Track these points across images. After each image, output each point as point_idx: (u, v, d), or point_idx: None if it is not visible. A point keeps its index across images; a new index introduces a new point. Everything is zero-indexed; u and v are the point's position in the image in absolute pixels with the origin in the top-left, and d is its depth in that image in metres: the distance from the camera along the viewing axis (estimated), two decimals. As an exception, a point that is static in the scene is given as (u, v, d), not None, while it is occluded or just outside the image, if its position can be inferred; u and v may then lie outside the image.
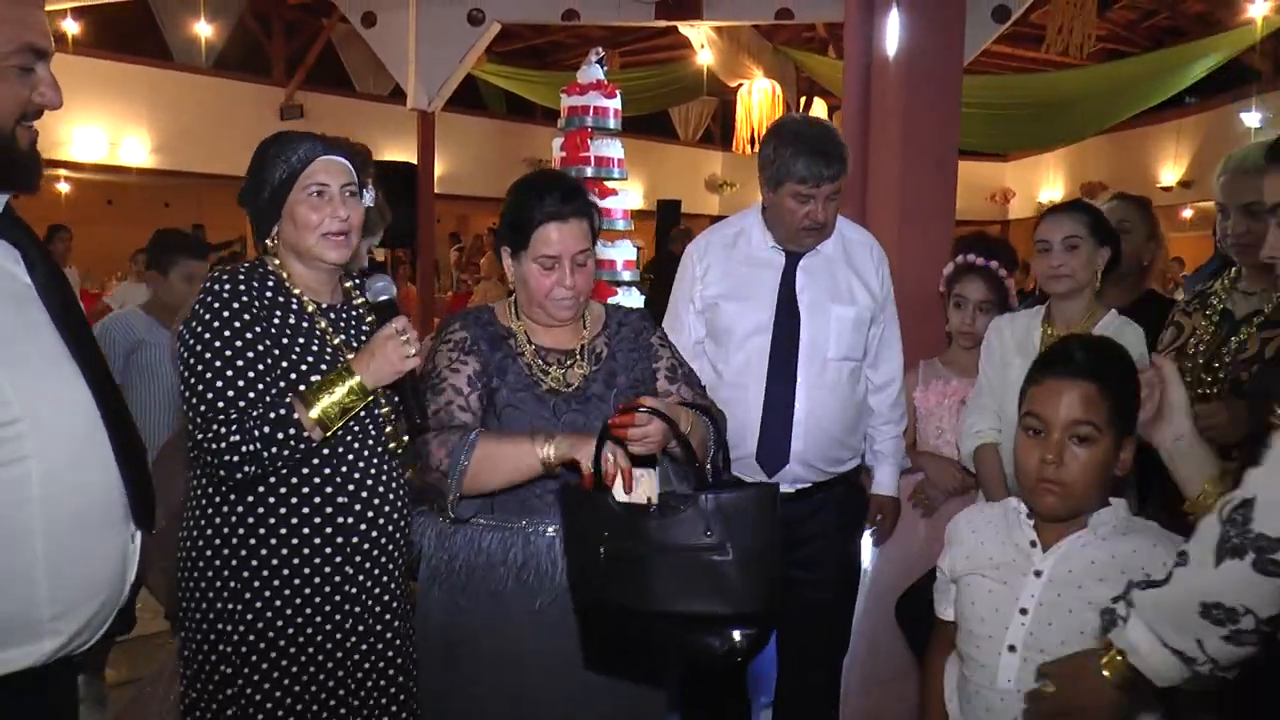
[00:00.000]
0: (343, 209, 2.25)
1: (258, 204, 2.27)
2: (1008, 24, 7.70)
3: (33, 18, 1.75)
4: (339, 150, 2.30)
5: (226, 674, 2.18)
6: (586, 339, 2.52)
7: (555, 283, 2.40)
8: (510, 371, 2.42)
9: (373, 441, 2.29)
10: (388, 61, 9.89)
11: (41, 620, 1.70)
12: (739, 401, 3.00)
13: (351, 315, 2.37)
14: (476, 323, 2.49)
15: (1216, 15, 12.32)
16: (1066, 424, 1.93)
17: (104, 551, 1.79)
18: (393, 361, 2.17)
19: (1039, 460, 1.95)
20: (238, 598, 2.17)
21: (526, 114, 17.06)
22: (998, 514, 2.13)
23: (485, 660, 2.38)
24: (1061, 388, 1.94)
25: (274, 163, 2.23)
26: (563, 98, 4.60)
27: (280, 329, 2.21)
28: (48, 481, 1.68)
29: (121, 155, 13.46)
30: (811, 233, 3.05)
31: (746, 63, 11.49)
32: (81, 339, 1.79)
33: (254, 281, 2.23)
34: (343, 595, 2.23)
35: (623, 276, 4.46)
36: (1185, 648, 1.50)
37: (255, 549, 2.17)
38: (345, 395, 2.15)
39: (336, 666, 2.24)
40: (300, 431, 2.11)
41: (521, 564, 2.35)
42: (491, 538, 2.38)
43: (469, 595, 2.38)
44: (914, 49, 4.13)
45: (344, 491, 2.22)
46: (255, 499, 2.18)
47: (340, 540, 2.21)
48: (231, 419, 2.08)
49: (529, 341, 2.47)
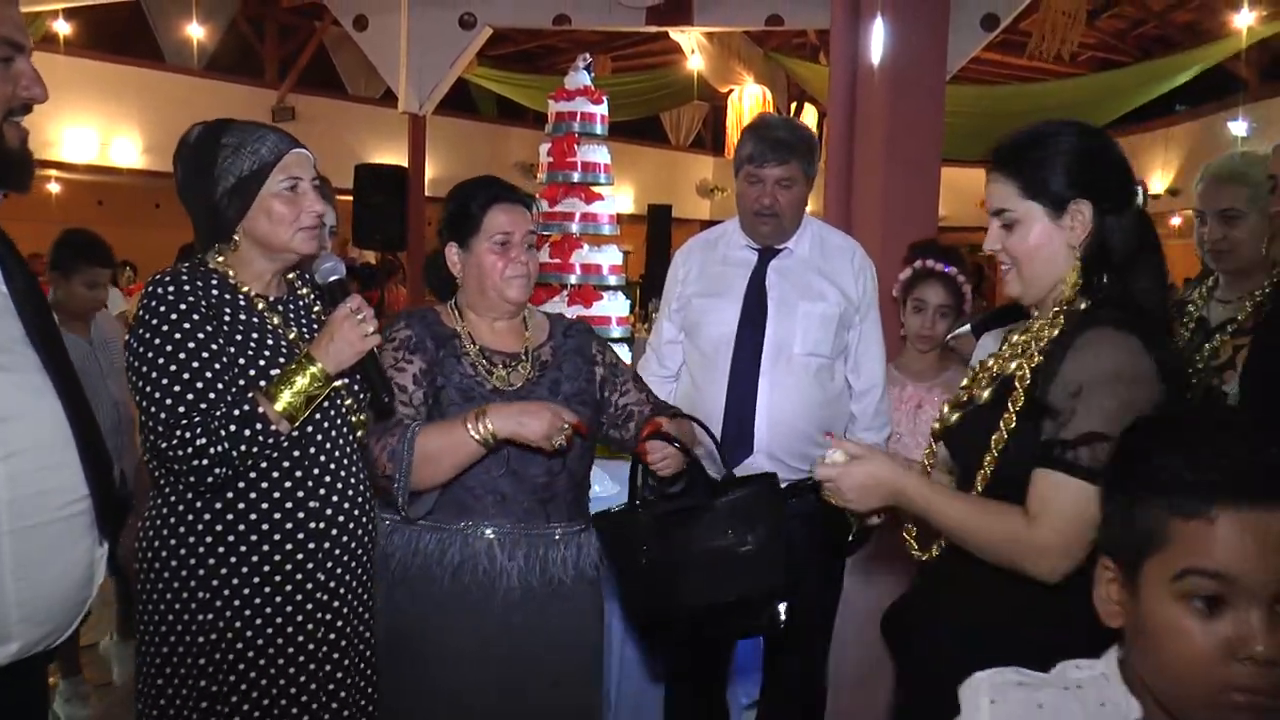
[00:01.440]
0: (317, 203, 2.22)
1: (212, 198, 2.17)
2: (996, 32, 7.73)
3: (5, 12, 1.75)
4: (300, 144, 2.26)
5: (200, 686, 2.11)
6: (531, 344, 2.57)
7: (510, 260, 2.49)
8: (455, 371, 2.45)
9: (340, 439, 2.25)
10: (379, 65, 9.89)
11: (9, 621, 1.71)
12: (705, 391, 3.10)
13: (300, 306, 2.34)
14: (421, 321, 2.53)
15: (1204, 25, 12.38)
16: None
17: (71, 556, 1.80)
18: (352, 342, 2.12)
19: (1225, 652, 1.14)
20: (207, 607, 2.10)
21: (518, 118, 17.07)
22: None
23: (428, 658, 2.39)
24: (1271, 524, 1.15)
25: (236, 154, 2.15)
26: (550, 103, 4.62)
27: (232, 326, 2.14)
28: (15, 485, 1.69)
29: (113, 156, 13.44)
30: (764, 219, 3.10)
31: (737, 68, 11.54)
32: (53, 350, 1.80)
33: (197, 280, 2.15)
34: (315, 602, 2.18)
35: (609, 281, 4.48)
36: None
37: (224, 556, 2.10)
38: (308, 384, 2.08)
39: (314, 671, 2.19)
40: (267, 425, 2.05)
41: (459, 564, 2.38)
42: (429, 538, 2.40)
43: (405, 592, 2.40)
44: (898, 56, 4.17)
45: (315, 495, 2.16)
46: (222, 505, 2.11)
47: (313, 545, 2.16)
48: (195, 422, 2.00)
49: (473, 342, 2.52)
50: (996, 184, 1.91)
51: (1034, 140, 1.89)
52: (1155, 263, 1.87)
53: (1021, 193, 1.88)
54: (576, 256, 4.43)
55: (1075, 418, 1.72)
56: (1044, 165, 1.86)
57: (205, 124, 2.22)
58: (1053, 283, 1.89)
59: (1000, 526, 1.76)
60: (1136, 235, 1.86)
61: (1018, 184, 1.88)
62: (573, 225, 4.45)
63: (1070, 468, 1.71)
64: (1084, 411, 1.71)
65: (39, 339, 1.77)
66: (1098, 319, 1.78)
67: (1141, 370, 1.72)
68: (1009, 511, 1.76)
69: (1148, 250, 1.87)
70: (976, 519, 1.80)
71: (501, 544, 2.39)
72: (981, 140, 10.97)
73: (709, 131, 19.08)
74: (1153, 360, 1.74)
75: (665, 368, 3.34)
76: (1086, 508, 1.63)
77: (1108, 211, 1.85)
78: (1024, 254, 1.90)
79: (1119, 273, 1.85)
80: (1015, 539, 1.74)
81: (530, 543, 2.41)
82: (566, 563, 2.44)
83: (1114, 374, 1.71)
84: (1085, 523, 1.65)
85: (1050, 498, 1.72)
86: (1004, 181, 1.90)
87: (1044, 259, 1.88)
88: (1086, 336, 1.76)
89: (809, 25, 9.87)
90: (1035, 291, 1.92)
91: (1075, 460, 1.70)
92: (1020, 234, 1.89)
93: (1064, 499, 1.71)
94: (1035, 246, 1.88)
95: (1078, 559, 1.70)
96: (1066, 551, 1.71)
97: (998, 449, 1.83)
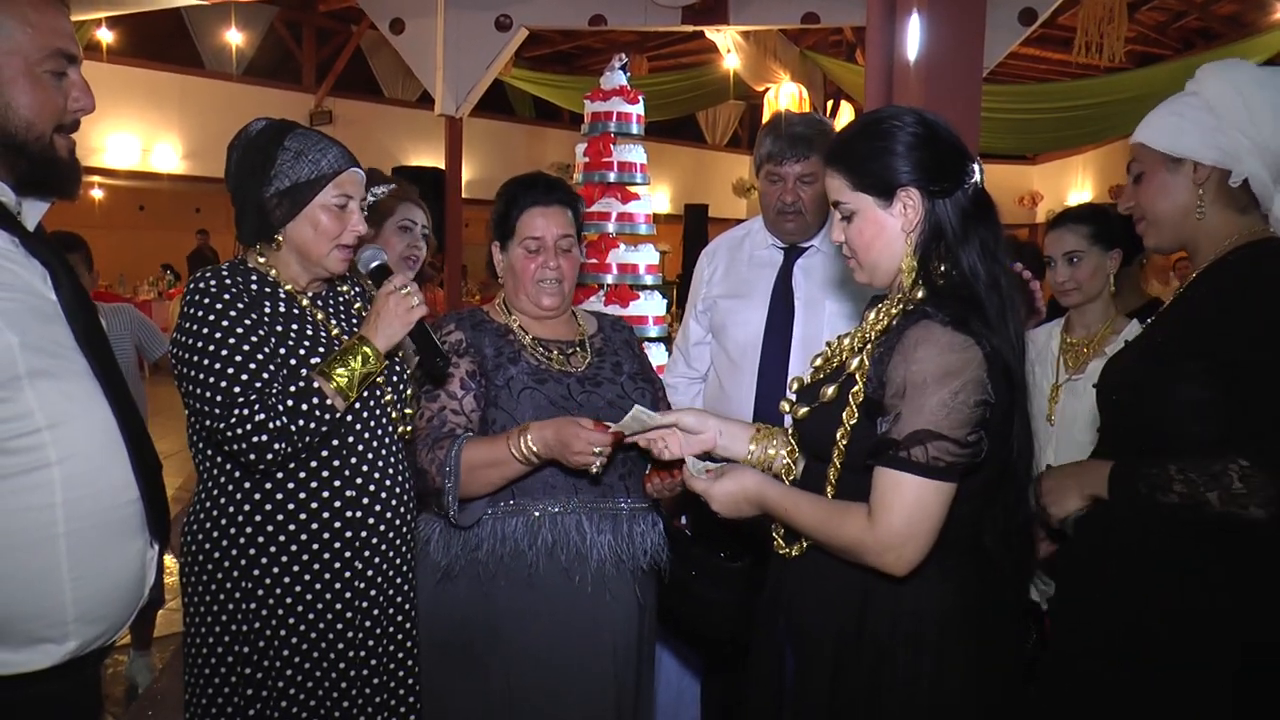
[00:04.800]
0: (361, 225, 2.25)
1: (262, 195, 2.20)
2: (1034, 26, 7.66)
3: (60, 24, 1.80)
4: (359, 164, 2.29)
5: (245, 674, 2.18)
6: (584, 334, 2.61)
7: (540, 265, 2.50)
8: (520, 359, 2.47)
9: (380, 431, 2.28)
10: (416, 68, 9.93)
11: (66, 621, 1.75)
12: (732, 394, 3.08)
13: (340, 302, 2.37)
14: (471, 322, 2.54)
15: (1247, 17, 12.22)
16: None
17: (124, 556, 1.83)
18: (400, 315, 2.18)
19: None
20: (250, 596, 2.17)
21: (554, 119, 17.13)
22: None
23: (515, 653, 2.39)
24: None
25: (297, 159, 2.19)
26: (586, 104, 4.61)
27: (273, 318, 2.19)
28: (69, 487, 1.72)
29: (153, 162, 13.63)
30: (788, 217, 3.08)
31: (773, 66, 11.49)
32: (102, 356, 1.83)
33: (238, 276, 2.20)
34: (354, 591, 2.22)
35: (645, 281, 4.48)
36: None
37: (264, 547, 2.16)
38: (361, 364, 2.14)
39: (352, 661, 2.23)
40: (324, 400, 2.10)
41: (553, 544, 2.38)
42: (516, 523, 2.39)
43: (500, 584, 2.39)
44: (935, 52, 4.12)
45: (353, 485, 2.21)
46: (262, 496, 2.16)
47: (350, 534, 2.20)
48: (252, 400, 2.06)
49: (525, 333, 2.54)
50: (830, 178, 1.96)
51: (860, 132, 1.93)
52: (985, 238, 1.87)
53: (852, 185, 1.92)
54: (613, 256, 4.42)
55: (903, 417, 1.76)
56: (870, 156, 1.89)
57: (270, 121, 2.27)
58: (894, 270, 1.93)
59: (846, 529, 1.82)
60: (972, 214, 1.87)
61: (848, 177, 1.92)
62: (609, 225, 4.45)
63: (903, 465, 1.75)
64: (911, 411, 1.76)
65: (88, 345, 1.80)
66: (923, 314, 1.80)
67: (967, 365, 1.75)
68: (852, 512, 1.82)
69: (980, 226, 1.87)
70: (825, 524, 1.86)
71: (590, 520, 2.41)
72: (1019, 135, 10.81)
73: (745, 131, 19.06)
74: (979, 352, 1.76)
75: (693, 369, 3.33)
76: (926, 501, 1.75)
77: (938, 195, 1.86)
78: (861, 245, 1.94)
79: (953, 255, 1.86)
80: (860, 540, 1.80)
81: (615, 519, 2.44)
82: (646, 538, 2.47)
83: (939, 373, 1.75)
84: (926, 514, 1.76)
85: (888, 494, 1.77)
86: (835, 175, 1.94)
87: (880, 248, 1.92)
88: (909, 334, 1.79)
89: (845, 23, 9.83)
90: (880, 279, 1.96)
91: (909, 458, 1.75)
92: (856, 225, 1.93)
93: (903, 495, 1.76)
94: (870, 236, 1.92)
95: (924, 550, 1.77)
96: (910, 543, 1.76)
97: (843, 443, 1.88)
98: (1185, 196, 2.09)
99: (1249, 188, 2.04)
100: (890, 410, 1.79)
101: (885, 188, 1.88)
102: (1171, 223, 2.12)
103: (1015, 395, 1.84)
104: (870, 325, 1.95)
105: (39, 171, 1.81)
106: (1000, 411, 1.80)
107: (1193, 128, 2.06)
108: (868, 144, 1.90)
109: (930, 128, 1.88)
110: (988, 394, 1.76)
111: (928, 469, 1.74)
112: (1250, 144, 2.01)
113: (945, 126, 1.90)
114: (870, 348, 1.89)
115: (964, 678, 1.84)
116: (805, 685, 1.93)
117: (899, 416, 1.77)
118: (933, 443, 1.73)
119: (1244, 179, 2.03)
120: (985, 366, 1.76)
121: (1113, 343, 2.85)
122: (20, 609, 1.71)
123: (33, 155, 1.78)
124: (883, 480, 1.78)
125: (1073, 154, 17.26)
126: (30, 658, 1.73)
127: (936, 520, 1.77)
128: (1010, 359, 1.81)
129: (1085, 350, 3.00)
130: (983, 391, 1.76)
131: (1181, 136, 2.08)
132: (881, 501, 1.78)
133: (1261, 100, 2.00)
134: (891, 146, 1.87)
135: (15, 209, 1.80)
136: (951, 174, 1.86)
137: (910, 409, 1.76)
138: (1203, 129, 2.05)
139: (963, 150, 1.89)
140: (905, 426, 1.76)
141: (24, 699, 1.74)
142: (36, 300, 1.75)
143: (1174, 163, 2.09)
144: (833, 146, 1.99)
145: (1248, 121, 2.00)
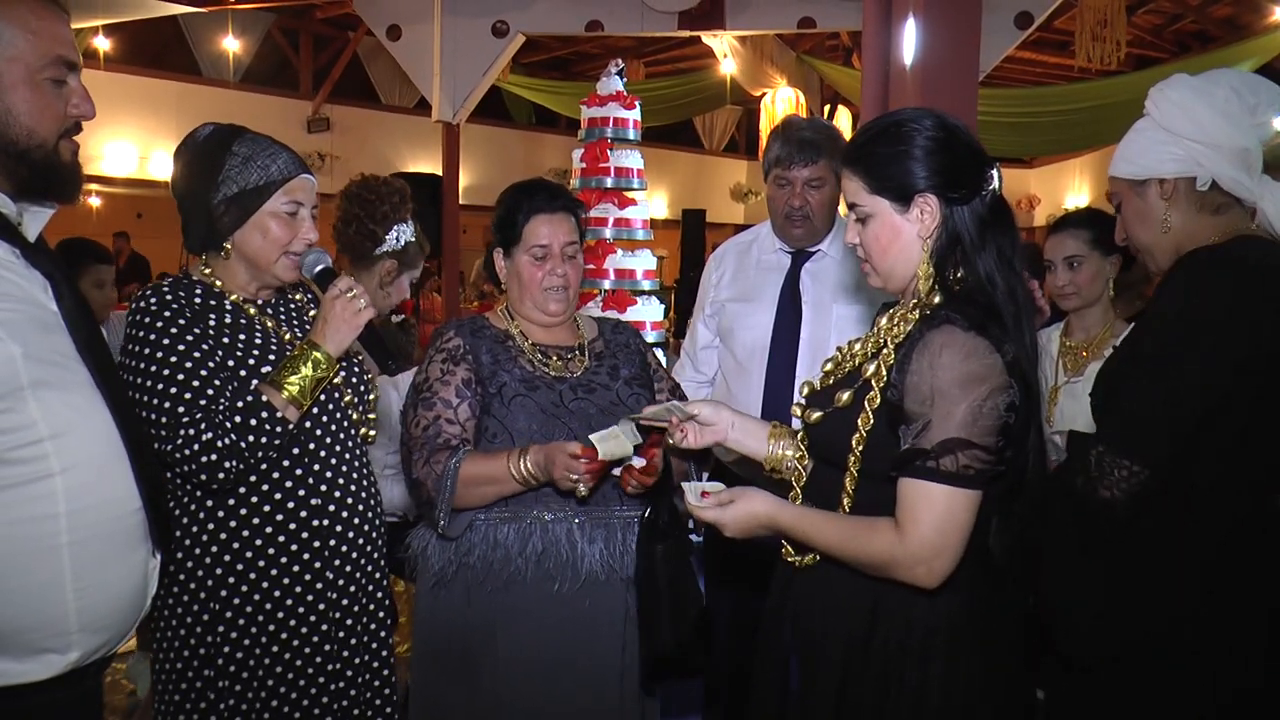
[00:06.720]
0: (312, 232, 2.22)
1: (210, 201, 2.16)
2: (1030, 30, 7.68)
3: (61, 32, 1.81)
4: (309, 170, 2.26)
5: (221, 689, 2.14)
6: (584, 339, 2.60)
7: (547, 272, 2.49)
8: (515, 365, 2.46)
9: (344, 435, 2.26)
10: (413, 74, 9.93)
11: (69, 631, 1.75)
12: (740, 397, 3.09)
13: (292, 308, 2.35)
14: (470, 329, 2.53)
15: (1243, 20, 12.22)
16: None
17: (127, 566, 1.83)
18: (348, 319, 2.13)
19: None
20: (219, 618, 2.13)
21: (551, 124, 17.12)
22: None
23: (503, 660, 2.38)
24: None
25: (245, 165, 2.15)
26: (582, 109, 4.62)
27: (219, 330, 2.15)
28: (73, 497, 1.72)
29: (151, 169, 13.60)
30: (796, 221, 3.09)
31: (770, 71, 11.50)
32: (104, 367, 1.83)
33: (180, 291, 2.16)
34: (327, 602, 2.20)
35: (643, 286, 4.48)
36: None
37: (231, 565, 2.13)
38: (312, 369, 2.10)
39: (331, 674, 2.21)
40: (274, 414, 2.06)
41: (541, 552, 2.37)
42: (508, 529, 2.39)
43: (485, 588, 2.38)
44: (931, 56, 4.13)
45: (318, 492, 2.18)
46: (226, 513, 2.13)
47: (319, 544, 2.18)
48: (199, 419, 2.02)
49: (525, 339, 2.53)
50: (847, 179, 1.95)
51: (879, 135, 1.91)
52: (1002, 245, 1.86)
53: (868, 188, 1.90)
54: (610, 262, 4.42)
55: (932, 426, 1.74)
56: (889, 160, 1.88)
57: (217, 125, 2.23)
58: (909, 275, 1.91)
59: (875, 545, 1.79)
60: (989, 222, 1.87)
61: (865, 179, 1.91)
62: (606, 230, 4.45)
63: (934, 475, 1.74)
64: (940, 419, 1.74)
65: (89, 354, 1.80)
66: (945, 319, 1.78)
67: (991, 371, 1.74)
68: (879, 528, 1.79)
69: (997, 234, 1.86)
70: (850, 541, 1.83)
71: (581, 530, 2.40)
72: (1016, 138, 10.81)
73: (742, 135, 19.06)
74: (1000, 359, 1.75)
75: (700, 372, 3.34)
76: (956, 511, 1.72)
77: (956, 202, 1.85)
78: (877, 249, 1.93)
79: (970, 262, 1.85)
80: (889, 555, 1.78)
81: (608, 528, 2.43)
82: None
83: (965, 379, 1.73)
84: (956, 525, 1.75)
85: (918, 506, 1.76)
86: (852, 177, 1.93)
87: (896, 253, 1.91)
88: (931, 339, 1.77)
89: (841, 27, 9.83)
90: (894, 284, 1.95)
91: (938, 468, 1.73)
92: (872, 229, 1.92)
93: (933, 506, 1.74)
94: (886, 241, 1.91)
95: (954, 561, 1.75)
96: (942, 554, 1.75)
97: (859, 449, 1.86)
98: (1157, 214, 2.14)
99: (1221, 189, 2.07)
100: (916, 418, 1.76)
101: (902, 193, 1.87)
102: (1157, 244, 2.16)
103: (1031, 405, 1.82)
104: (885, 331, 1.93)
105: (40, 178, 1.81)
106: (1020, 420, 1.78)
107: (1149, 145, 2.12)
108: (886, 147, 1.88)
109: (950, 132, 1.87)
110: (1014, 399, 1.75)
111: (957, 478, 1.73)
112: (1204, 147, 2.05)
113: (965, 130, 1.89)
114: (887, 353, 1.87)
115: (973, 686, 1.84)
116: (811, 692, 1.92)
117: (929, 425, 1.74)
118: (964, 451, 1.72)
119: (1211, 181, 2.06)
120: (1006, 370, 1.75)
121: (1111, 346, 2.87)
122: (24, 620, 1.71)
123: (34, 162, 1.79)
124: (911, 491, 1.76)
125: (1070, 157, 17.24)
126: (33, 668, 1.73)
127: (966, 530, 1.76)
128: (1027, 368, 1.80)
129: (1084, 353, 3.02)
130: (1009, 397, 1.74)
131: (1139, 158, 2.14)
132: (911, 514, 1.76)
133: (1201, 105, 2.05)
134: (910, 150, 1.86)
135: (15, 219, 1.80)
136: (970, 180, 1.85)
137: (940, 416, 1.74)
138: (1157, 144, 2.11)
139: (982, 155, 1.88)
140: (935, 435, 1.74)
141: (26, 709, 1.74)
142: (38, 311, 1.75)
143: (1140, 185, 2.15)
144: (851, 147, 1.98)
145: (1195, 128, 2.06)
